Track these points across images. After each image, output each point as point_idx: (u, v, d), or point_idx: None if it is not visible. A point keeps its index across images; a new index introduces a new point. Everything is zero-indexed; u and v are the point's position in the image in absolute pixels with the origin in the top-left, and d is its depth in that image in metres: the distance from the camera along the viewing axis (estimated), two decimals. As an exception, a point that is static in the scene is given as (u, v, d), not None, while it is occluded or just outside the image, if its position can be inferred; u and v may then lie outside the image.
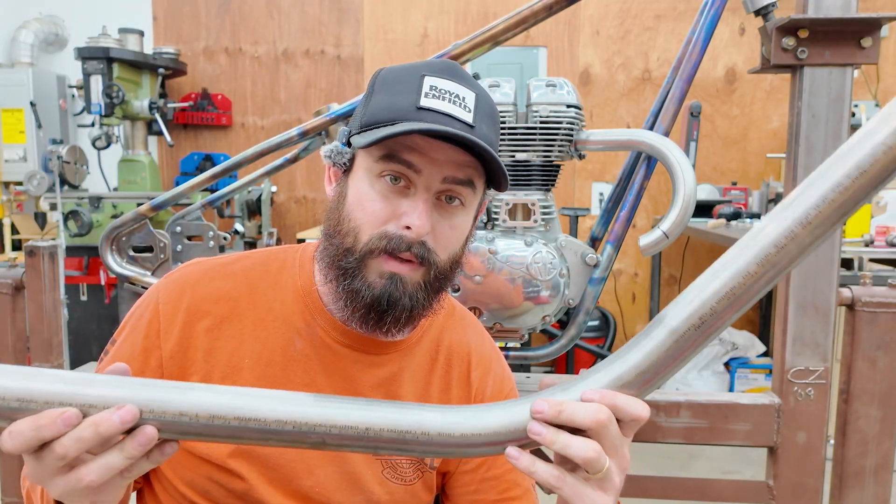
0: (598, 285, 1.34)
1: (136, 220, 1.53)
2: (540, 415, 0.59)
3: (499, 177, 0.76)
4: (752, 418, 1.35)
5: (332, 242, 0.78)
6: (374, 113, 0.75)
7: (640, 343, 0.61)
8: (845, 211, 0.55)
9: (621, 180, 1.43)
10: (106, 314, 3.52)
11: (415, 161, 0.73)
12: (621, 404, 0.60)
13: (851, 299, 1.34)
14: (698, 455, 3.04)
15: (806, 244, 0.57)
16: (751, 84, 4.06)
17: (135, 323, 0.82)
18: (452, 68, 0.78)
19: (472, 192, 0.77)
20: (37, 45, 3.94)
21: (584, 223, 3.94)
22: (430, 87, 0.74)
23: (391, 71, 0.79)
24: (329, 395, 0.63)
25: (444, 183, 0.74)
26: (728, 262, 0.59)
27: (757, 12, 1.28)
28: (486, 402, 0.89)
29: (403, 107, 0.73)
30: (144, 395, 0.57)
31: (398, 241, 0.73)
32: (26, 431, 0.54)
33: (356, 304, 0.76)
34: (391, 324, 0.76)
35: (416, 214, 0.73)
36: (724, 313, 0.59)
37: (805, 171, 1.31)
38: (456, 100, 0.74)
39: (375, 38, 4.16)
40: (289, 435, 0.59)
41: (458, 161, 0.74)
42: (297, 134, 1.42)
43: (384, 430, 0.60)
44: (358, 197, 0.76)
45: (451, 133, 0.70)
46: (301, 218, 4.29)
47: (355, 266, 0.75)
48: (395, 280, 0.74)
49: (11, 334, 1.52)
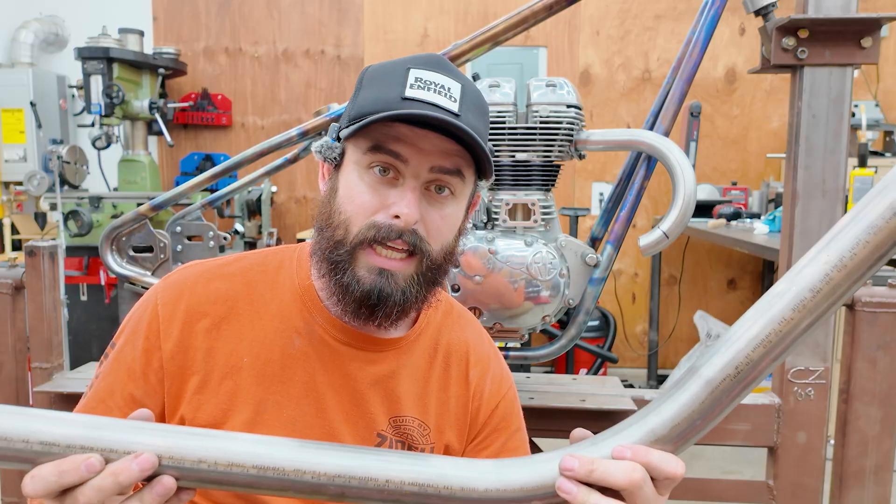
0: (598, 285, 1.34)
1: (136, 220, 1.53)
2: (570, 472, 0.57)
3: (484, 164, 0.77)
4: (752, 418, 1.35)
5: (323, 235, 0.78)
6: (361, 106, 0.76)
7: (673, 395, 0.59)
8: (881, 253, 0.54)
9: (621, 180, 1.43)
10: (106, 314, 3.52)
11: (401, 151, 0.74)
12: (655, 462, 0.57)
13: (851, 299, 1.34)
14: (698, 455, 3.04)
15: (843, 288, 0.55)
16: (751, 84, 4.06)
17: (134, 326, 0.82)
18: (438, 61, 0.79)
19: (461, 182, 0.78)
20: (37, 45, 3.94)
21: (584, 223, 3.94)
22: (416, 79, 0.75)
23: (378, 67, 0.80)
24: (350, 446, 0.62)
25: (432, 172, 0.75)
26: (764, 309, 0.57)
27: (757, 12, 1.28)
28: (485, 400, 0.90)
29: (389, 98, 0.74)
30: (164, 441, 0.57)
31: (387, 230, 0.74)
32: (49, 476, 0.54)
33: (347, 298, 0.76)
34: (382, 318, 0.77)
35: (405, 203, 0.73)
36: (760, 361, 0.56)
37: (805, 171, 1.31)
38: (441, 90, 0.75)
39: (375, 38, 4.16)
40: (307, 485, 0.58)
41: (445, 150, 0.75)
42: (297, 134, 1.42)
43: (405, 484, 0.59)
44: (347, 189, 0.77)
45: (432, 117, 0.71)
46: (301, 218, 4.29)
47: (346, 259, 0.76)
48: (385, 275, 0.75)
49: (11, 334, 1.52)
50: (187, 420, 0.80)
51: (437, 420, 0.88)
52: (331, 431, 0.83)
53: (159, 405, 0.80)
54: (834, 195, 1.30)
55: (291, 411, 0.82)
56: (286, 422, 0.82)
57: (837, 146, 1.29)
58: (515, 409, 0.94)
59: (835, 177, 1.30)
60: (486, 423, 0.90)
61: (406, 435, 0.86)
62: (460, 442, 0.89)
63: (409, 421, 0.86)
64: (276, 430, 0.81)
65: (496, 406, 0.91)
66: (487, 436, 0.90)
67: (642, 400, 1.36)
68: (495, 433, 0.90)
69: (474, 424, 0.90)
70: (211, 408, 0.80)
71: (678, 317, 4.15)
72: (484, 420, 0.90)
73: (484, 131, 0.79)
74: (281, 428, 0.81)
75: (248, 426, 0.80)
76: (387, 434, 0.85)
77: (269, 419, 0.81)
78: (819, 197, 1.30)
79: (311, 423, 0.82)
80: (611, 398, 1.37)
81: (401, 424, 0.86)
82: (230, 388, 0.81)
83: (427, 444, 0.87)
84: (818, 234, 1.31)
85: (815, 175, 1.30)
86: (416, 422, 0.86)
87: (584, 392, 1.41)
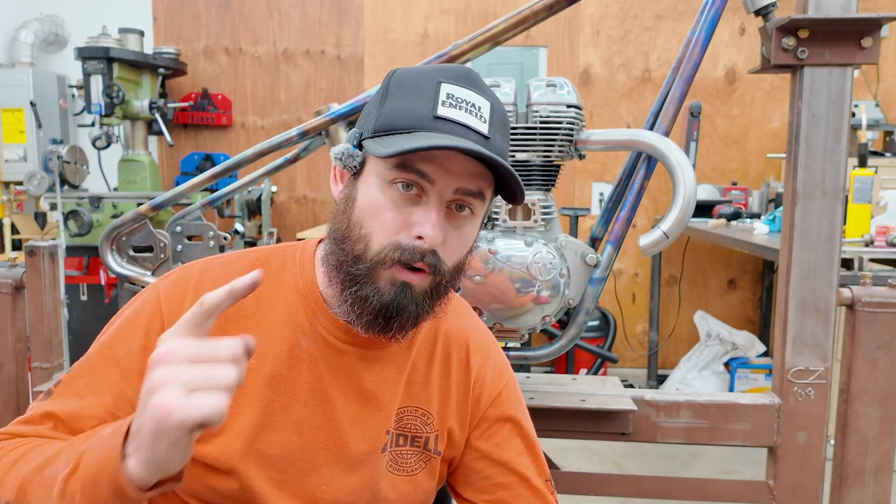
0: (599, 285, 1.34)
1: (136, 219, 1.53)
2: None
3: (514, 191, 0.76)
4: (752, 418, 1.35)
5: (341, 248, 0.77)
6: (389, 117, 0.75)
7: None
8: None
9: (621, 180, 1.43)
10: (106, 314, 3.52)
11: (429, 172, 0.73)
12: None
13: (851, 299, 1.34)
14: (698, 455, 3.04)
15: None
16: (751, 84, 4.06)
17: (130, 322, 0.81)
18: (468, 75, 0.78)
19: (481, 203, 0.78)
20: (37, 45, 3.94)
21: (584, 223, 3.94)
22: (447, 95, 0.74)
23: (407, 73, 0.78)
24: None
25: (457, 194, 0.75)
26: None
27: (757, 12, 1.28)
28: (487, 387, 0.91)
29: (420, 114, 0.73)
30: None
31: (411, 253, 0.73)
32: None
33: (363, 309, 0.76)
34: (397, 330, 0.77)
35: (430, 225, 0.73)
36: None
37: (805, 171, 1.31)
38: (472, 109, 0.74)
39: (376, 38, 4.16)
40: None
41: (471, 172, 0.74)
42: (297, 134, 1.42)
43: None
44: (369, 203, 0.76)
45: (469, 151, 0.70)
46: (301, 218, 4.29)
47: (365, 274, 0.75)
48: (404, 288, 0.75)
49: (11, 334, 1.52)
50: None
51: (439, 407, 0.88)
52: (338, 433, 0.83)
53: None
54: (834, 195, 1.30)
55: (299, 413, 0.82)
56: (293, 423, 0.82)
57: (837, 146, 1.29)
58: (517, 396, 0.94)
59: (835, 177, 1.30)
60: (488, 410, 0.90)
61: (409, 426, 0.87)
62: (462, 428, 0.90)
63: (411, 411, 0.87)
64: (284, 431, 0.81)
65: (498, 394, 0.91)
66: (491, 425, 0.90)
67: (642, 400, 1.36)
68: (498, 423, 0.90)
69: (476, 411, 0.90)
70: None
71: (678, 317, 4.15)
72: (486, 407, 0.90)
73: (507, 151, 0.80)
74: (288, 430, 0.81)
75: (256, 428, 0.80)
76: (392, 430, 0.86)
77: (277, 421, 0.81)
78: (819, 197, 1.30)
79: (318, 425, 0.83)
80: (611, 398, 1.37)
81: (403, 415, 0.87)
82: (237, 389, 0.80)
83: (431, 433, 0.88)
84: (818, 234, 1.31)
85: (815, 175, 1.30)
86: (420, 411, 0.87)
87: (584, 392, 1.41)
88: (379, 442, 0.85)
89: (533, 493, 0.89)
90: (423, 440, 0.87)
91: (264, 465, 0.80)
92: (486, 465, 0.89)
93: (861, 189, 2.84)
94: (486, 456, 0.89)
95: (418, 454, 0.87)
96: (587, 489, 1.44)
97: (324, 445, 0.83)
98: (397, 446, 0.87)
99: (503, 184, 0.77)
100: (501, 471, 0.89)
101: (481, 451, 0.90)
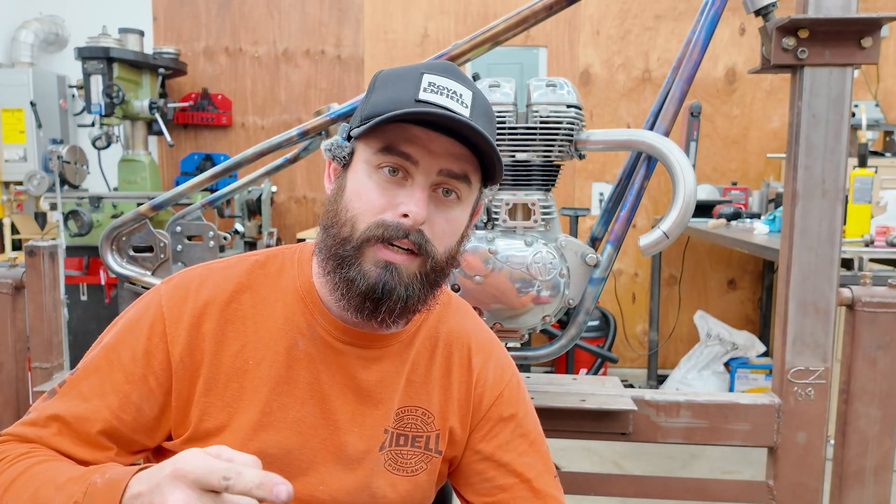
0: (599, 285, 1.34)
1: (136, 220, 1.53)
2: None
3: (494, 168, 0.78)
4: (752, 418, 1.35)
5: (329, 233, 0.79)
6: (374, 106, 0.77)
7: None
8: None
9: (621, 180, 1.43)
10: (106, 314, 3.52)
11: (413, 152, 0.75)
12: None
13: (851, 299, 1.34)
14: (698, 455, 3.04)
15: None
16: (751, 84, 4.06)
17: (132, 326, 0.81)
18: (450, 68, 0.80)
19: (467, 187, 0.79)
20: (37, 45, 3.94)
21: (584, 223, 3.94)
22: (429, 83, 0.76)
23: (391, 71, 0.81)
24: None
25: (441, 175, 0.76)
26: None
27: (757, 12, 1.28)
28: (489, 387, 0.90)
29: (403, 99, 0.75)
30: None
31: (395, 229, 0.75)
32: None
33: (351, 292, 0.76)
34: (386, 314, 0.77)
35: (413, 202, 0.75)
36: None
37: (805, 171, 1.31)
38: (453, 95, 0.77)
39: (376, 38, 4.16)
40: None
41: (454, 153, 0.76)
42: (297, 134, 1.43)
43: None
44: (356, 188, 0.78)
45: (449, 117, 0.72)
46: (301, 218, 4.29)
47: (352, 254, 0.76)
48: (390, 269, 0.75)
49: (11, 334, 1.52)
50: (195, 423, 0.80)
51: (440, 407, 0.88)
52: (336, 432, 0.83)
53: (156, 409, 0.80)
54: (834, 195, 1.30)
55: (297, 412, 0.82)
56: (292, 423, 0.82)
57: (837, 146, 1.29)
58: (520, 395, 0.93)
59: (835, 177, 1.30)
60: (490, 411, 0.90)
61: (409, 426, 0.87)
62: (463, 427, 0.90)
63: (412, 411, 0.87)
64: (282, 431, 0.82)
65: (500, 394, 0.91)
66: (493, 426, 0.90)
67: (642, 400, 1.36)
68: (500, 424, 0.90)
69: (478, 411, 0.90)
70: (217, 410, 0.80)
71: (678, 317, 4.15)
72: (488, 407, 0.90)
73: (493, 138, 0.80)
74: (287, 429, 0.82)
75: (254, 428, 0.81)
76: (390, 429, 0.86)
77: (275, 421, 0.81)
78: (819, 197, 1.31)
79: (317, 424, 0.83)
80: (611, 398, 1.37)
81: (404, 415, 0.87)
82: (236, 390, 0.81)
83: (432, 432, 0.88)
84: (818, 234, 1.31)
85: (815, 175, 1.30)
86: (420, 410, 0.87)
87: (584, 392, 1.41)
88: (377, 441, 0.85)
89: (534, 495, 0.88)
90: (424, 440, 0.87)
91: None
92: (488, 468, 0.89)
93: (861, 189, 2.84)
94: (488, 458, 0.89)
95: (419, 454, 0.87)
96: (587, 489, 1.44)
97: (322, 445, 0.83)
98: (397, 446, 0.86)
99: (487, 167, 0.79)
100: (503, 473, 0.88)
101: (483, 454, 0.89)
